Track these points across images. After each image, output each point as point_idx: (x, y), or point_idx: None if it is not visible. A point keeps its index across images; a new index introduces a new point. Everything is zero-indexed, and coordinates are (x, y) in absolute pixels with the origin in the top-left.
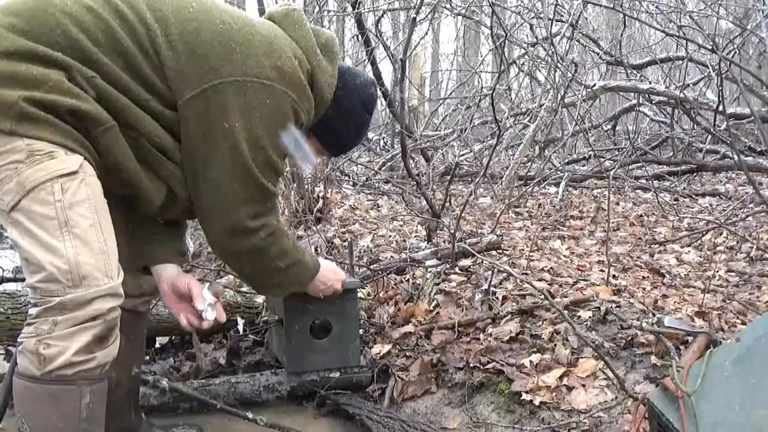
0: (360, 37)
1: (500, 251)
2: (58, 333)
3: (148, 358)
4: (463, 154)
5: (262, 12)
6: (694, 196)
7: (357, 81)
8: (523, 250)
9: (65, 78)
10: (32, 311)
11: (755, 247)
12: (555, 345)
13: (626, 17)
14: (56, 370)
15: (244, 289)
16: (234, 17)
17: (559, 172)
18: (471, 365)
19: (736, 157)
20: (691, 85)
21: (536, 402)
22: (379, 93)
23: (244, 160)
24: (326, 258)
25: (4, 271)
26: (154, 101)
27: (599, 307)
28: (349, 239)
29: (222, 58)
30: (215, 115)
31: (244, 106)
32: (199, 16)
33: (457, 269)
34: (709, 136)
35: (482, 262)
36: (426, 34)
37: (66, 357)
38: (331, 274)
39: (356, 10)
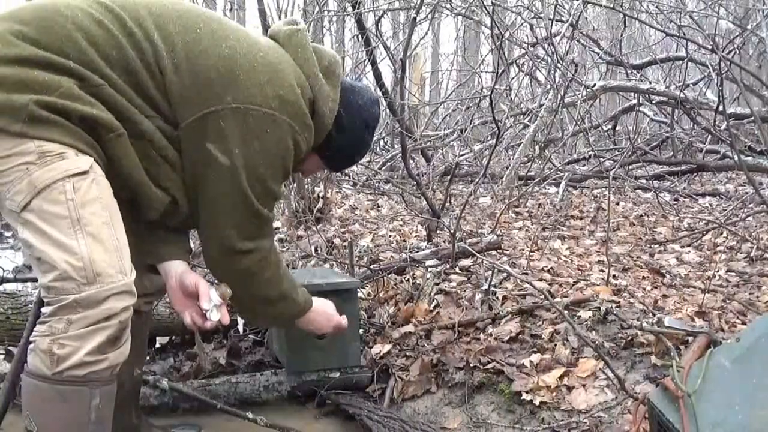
0: (360, 37)
1: (500, 251)
2: (72, 333)
3: (148, 358)
4: (463, 154)
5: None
6: (694, 196)
7: (359, 101)
8: (523, 250)
9: (76, 85)
10: (45, 310)
11: (755, 247)
12: (555, 345)
13: (626, 17)
14: (67, 370)
15: None
16: (240, 41)
17: (559, 172)
18: (471, 365)
19: (736, 157)
20: (691, 85)
21: (536, 402)
22: (379, 93)
23: (241, 187)
24: (327, 257)
25: (4, 271)
26: (158, 119)
27: (599, 307)
28: (349, 239)
29: (225, 85)
30: (215, 140)
31: (244, 133)
32: (205, 38)
33: (457, 269)
34: (709, 136)
35: (482, 262)
36: (426, 34)
37: (78, 357)
38: (323, 320)
39: (356, 10)
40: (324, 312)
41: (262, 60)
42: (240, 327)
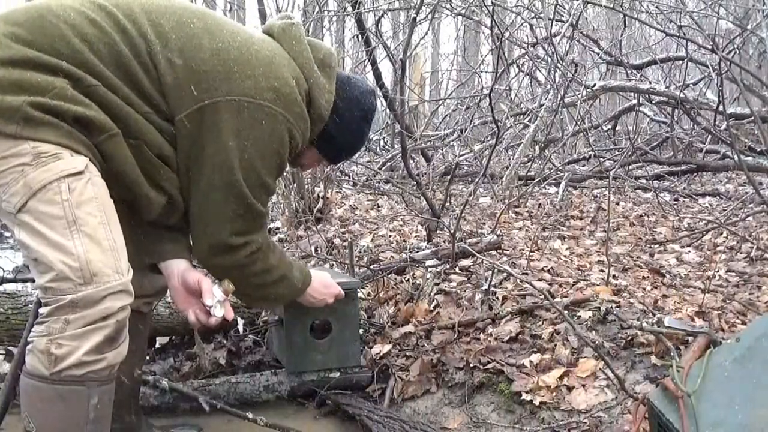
0: (360, 37)
1: (500, 251)
2: (70, 332)
3: (148, 358)
4: (463, 154)
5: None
6: (694, 196)
7: (356, 92)
8: (523, 250)
9: (69, 86)
10: (43, 310)
11: (755, 247)
12: (555, 345)
13: (626, 17)
14: (66, 369)
15: None
16: (234, 35)
17: (559, 172)
18: (471, 365)
19: (736, 157)
20: (691, 85)
21: (536, 402)
22: (379, 93)
23: (235, 179)
24: (327, 257)
25: (4, 271)
26: (153, 114)
27: (599, 307)
28: (349, 239)
29: (220, 78)
30: (209, 132)
31: (238, 125)
32: (199, 33)
33: (457, 269)
34: (709, 136)
35: (482, 262)
36: (426, 34)
37: (77, 357)
38: (322, 288)
39: (356, 10)
40: (321, 284)
41: (256, 53)
42: (240, 327)
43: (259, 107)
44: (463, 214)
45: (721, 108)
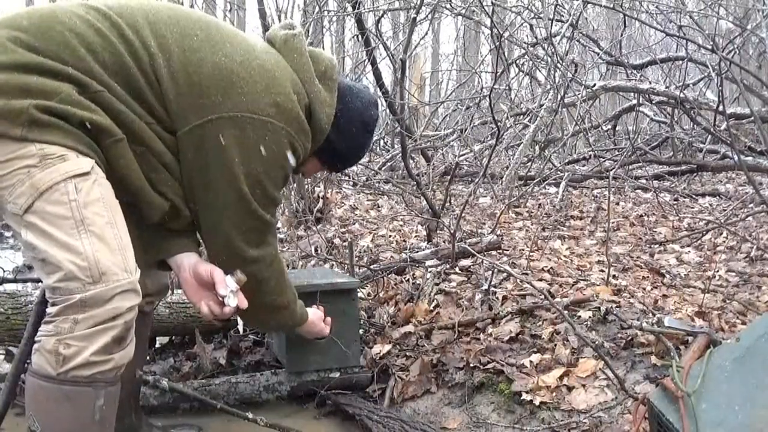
0: (360, 37)
1: (500, 251)
2: (78, 333)
3: (148, 358)
4: (463, 154)
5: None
6: (694, 196)
7: (358, 103)
8: (523, 250)
9: (75, 91)
10: (51, 309)
11: (755, 247)
12: (555, 345)
13: (626, 17)
14: (73, 370)
15: None
16: (237, 47)
17: (559, 172)
18: (471, 365)
19: (736, 157)
20: (691, 85)
21: (536, 402)
22: (379, 93)
23: (242, 194)
24: (327, 257)
25: (4, 271)
26: (156, 125)
27: (599, 307)
28: (349, 239)
29: (222, 93)
30: (213, 148)
31: (242, 141)
32: (203, 46)
33: (457, 269)
34: (709, 136)
35: (482, 262)
36: (426, 34)
37: (84, 357)
38: (313, 329)
39: (356, 10)
40: (315, 323)
41: (258, 68)
42: (240, 327)
43: (261, 123)
44: (463, 214)
45: (721, 108)
